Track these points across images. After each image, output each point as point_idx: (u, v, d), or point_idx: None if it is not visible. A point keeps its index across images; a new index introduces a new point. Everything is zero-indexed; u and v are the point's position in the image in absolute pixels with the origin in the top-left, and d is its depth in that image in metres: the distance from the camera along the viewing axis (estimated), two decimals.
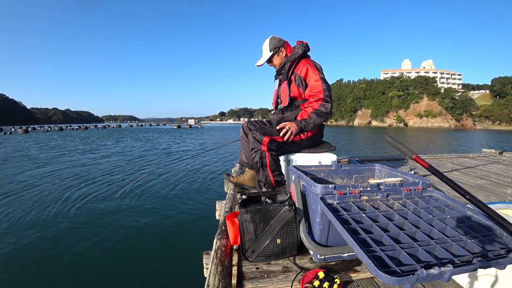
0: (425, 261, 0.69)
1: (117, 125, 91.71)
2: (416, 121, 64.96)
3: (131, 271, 2.98)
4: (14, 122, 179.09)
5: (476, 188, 2.29)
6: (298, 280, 0.98)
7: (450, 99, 62.30)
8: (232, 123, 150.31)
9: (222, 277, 0.90)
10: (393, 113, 69.58)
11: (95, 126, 74.66)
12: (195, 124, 68.83)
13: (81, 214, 4.59)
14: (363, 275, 1.02)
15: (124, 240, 3.68)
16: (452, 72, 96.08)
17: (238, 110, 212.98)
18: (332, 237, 1.07)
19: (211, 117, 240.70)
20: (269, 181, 1.79)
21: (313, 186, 1.06)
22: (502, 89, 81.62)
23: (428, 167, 0.88)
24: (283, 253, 1.13)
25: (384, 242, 0.78)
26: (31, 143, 20.22)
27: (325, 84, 1.77)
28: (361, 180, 1.50)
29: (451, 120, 61.56)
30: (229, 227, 1.15)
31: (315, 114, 1.75)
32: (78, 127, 65.55)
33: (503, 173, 2.90)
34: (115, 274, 2.92)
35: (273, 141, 1.75)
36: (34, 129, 55.70)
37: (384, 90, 73.09)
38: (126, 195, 5.64)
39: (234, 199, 1.76)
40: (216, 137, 27.22)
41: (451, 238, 0.78)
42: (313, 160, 1.85)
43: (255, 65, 1.99)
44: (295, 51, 1.85)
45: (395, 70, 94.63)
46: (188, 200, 5.39)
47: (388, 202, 1.04)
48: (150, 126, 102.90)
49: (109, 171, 8.40)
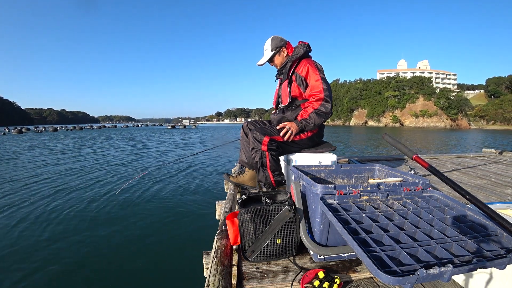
0: (425, 261, 0.69)
1: (112, 126, 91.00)
2: (412, 121, 65.45)
3: (131, 271, 2.96)
4: (8, 123, 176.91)
5: (476, 188, 2.30)
6: (298, 280, 0.98)
7: (445, 99, 62.89)
8: (228, 123, 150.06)
9: (222, 277, 0.89)
10: (389, 113, 70.01)
11: (91, 127, 73.99)
12: (190, 125, 68.59)
13: (80, 213, 4.54)
14: (363, 275, 1.02)
15: (124, 239, 3.65)
16: (447, 72, 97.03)
17: (235, 110, 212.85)
18: (332, 237, 1.07)
19: (207, 117, 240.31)
20: (269, 181, 1.79)
21: (313, 186, 1.06)
22: (497, 89, 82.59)
23: (428, 167, 0.88)
24: (283, 253, 1.13)
25: (384, 242, 0.78)
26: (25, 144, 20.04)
27: (326, 84, 1.78)
28: (361, 180, 1.51)
29: (447, 120, 62.14)
30: (229, 227, 1.14)
31: (315, 114, 1.75)
32: (73, 127, 64.92)
33: (503, 173, 2.90)
34: (114, 274, 2.90)
35: (273, 141, 1.75)
36: (28, 129, 55.04)
37: (380, 90, 73.52)
38: (125, 194, 5.60)
39: (234, 199, 1.76)
40: (202, 138, 26.04)
41: (451, 238, 0.79)
42: (313, 160, 1.85)
43: (257, 64, 2.00)
44: (296, 51, 1.86)
45: (391, 70, 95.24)
46: (188, 200, 5.37)
47: (388, 202, 1.04)
48: (146, 126, 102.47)
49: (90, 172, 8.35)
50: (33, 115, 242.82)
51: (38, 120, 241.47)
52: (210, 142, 20.92)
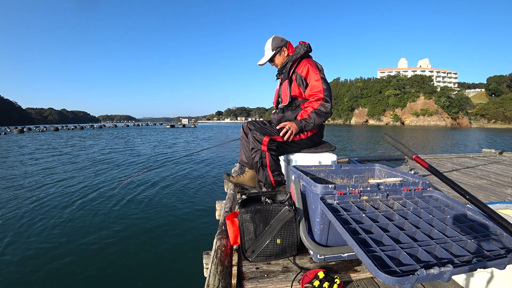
0: (425, 261, 0.69)
1: (113, 125, 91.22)
2: (413, 119, 65.41)
3: (131, 271, 2.97)
4: (9, 123, 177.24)
5: (476, 188, 2.30)
6: (298, 280, 0.98)
7: (446, 98, 62.82)
8: (228, 122, 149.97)
9: (222, 277, 0.90)
10: (389, 111, 69.99)
11: (91, 126, 74.15)
12: (189, 124, 68.53)
13: (78, 213, 4.55)
14: (363, 275, 1.02)
15: (123, 239, 3.66)
16: (448, 71, 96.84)
17: (235, 110, 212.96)
18: (332, 237, 1.07)
19: (208, 117, 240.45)
20: (269, 181, 1.79)
21: (313, 186, 1.06)
22: (498, 87, 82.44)
23: (428, 167, 0.88)
24: (283, 253, 1.13)
25: (384, 242, 0.78)
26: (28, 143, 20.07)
27: (325, 84, 1.78)
28: (361, 180, 1.51)
29: (447, 118, 62.09)
30: (229, 227, 1.15)
31: (315, 114, 1.75)
32: (74, 127, 65.07)
33: (503, 173, 2.90)
34: (114, 274, 2.91)
35: (273, 141, 1.75)
36: (29, 129, 55.13)
37: (380, 89, 73.47)
38: (124, 194, 5.61)
39: (234, 199, 1.76)
40: (198, 137, 25.12)
41: (451, 238, 0.79)
42: (313, 160, 1.85)
43: (257, 64, 2.00)
44: (297, 51, 1.86)
45: (391, 69, 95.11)
46: (188, 200, 5.37)
47: (388, 202, 1.04)
48: (147, 125, 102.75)
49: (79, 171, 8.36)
50: (34, 115, 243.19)
51: (39, 119, 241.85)
52: (197, 144, 18.27)
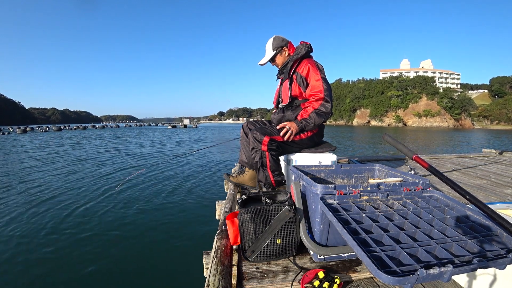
0: (425, 261, 0.69)
1: (115, 125, 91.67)
2: (415, 120, 65.10)
3: (131, 271, 2.98)
4: (12, 122, 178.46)
5: (476, 188, 2.29)
6: (298, 280, 0.98)
7: (448, 99, 62.50)
8: (230, 123, 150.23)
9: (222, 277, 0.90)
10: (392, 112, 69.70)
11: (94, 126, 74.56)
12: (190, 124, 68.73)
13: (79, 213, 4.57)
14: (363, 275, 1.02)
15: (123, 239, 3.67)
16: (451, 71, 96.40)
17: (237, 110, 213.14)
18: (332, 237, 1.07)
19: (210, 117, 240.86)
20: (269, 181, 1.79)
21: (313, 186, 1.06)
22: (501, 88, 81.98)
23: (428, 167, 0.88)
24: (283, 253, 1.13)
25: (384, 242, 0.78)
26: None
27: (326, 84, 1.78)
28: (361, 180, 1.50)
29: (450, 119, 61.74)
30: (229, 227, 1.15)
31: (315, 114, 1.75)
32: (76, 127, 65.46)
33: (503, 173, 2.90)
34: (114, 274, 2.91)
35: (273, 141, 1.75)
36: (32, 129, 55.56)
37: (383, 90, 73.19)
38: (124, 194, 5.62)
39: (234, 199, 1.76)
40: (196, 137, 24.65)
41: (451, 238, 0.78)
42: (313, 160, 1.85)
43: (258, 63, 2.00)
44: (298, 51, 1.86)
45: (394, 70, 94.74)
46: (188, 200, 5.38)
47: (388, 202, 1.04)
48: (149, 126, 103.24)
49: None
50: (37, 115, 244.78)
51: (42, 119, 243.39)
52: (191, 145, 18.18)
